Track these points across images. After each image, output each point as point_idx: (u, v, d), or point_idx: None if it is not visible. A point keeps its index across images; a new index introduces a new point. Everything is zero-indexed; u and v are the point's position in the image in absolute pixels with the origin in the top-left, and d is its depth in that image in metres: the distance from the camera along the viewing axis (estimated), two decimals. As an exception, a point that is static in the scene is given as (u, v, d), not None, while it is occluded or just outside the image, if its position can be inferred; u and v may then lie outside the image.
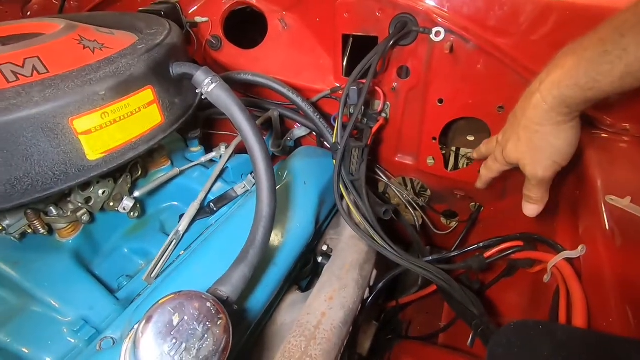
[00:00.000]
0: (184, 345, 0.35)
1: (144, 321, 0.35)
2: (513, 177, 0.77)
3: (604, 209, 0.48)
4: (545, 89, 0.46)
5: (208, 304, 0.38)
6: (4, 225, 0.54)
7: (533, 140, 0.50)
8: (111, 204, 0.61)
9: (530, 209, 0.57)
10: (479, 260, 0.66)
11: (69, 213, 0.57)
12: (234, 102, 0.52)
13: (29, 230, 0.56)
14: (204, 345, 0.36)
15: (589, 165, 0.56)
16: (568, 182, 0.64)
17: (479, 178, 0.66)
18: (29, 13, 1.17)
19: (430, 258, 0.70)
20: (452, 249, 0.84)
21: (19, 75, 0.44)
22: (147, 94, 0.50)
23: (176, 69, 0.54)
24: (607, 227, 0.46)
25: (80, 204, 0.58)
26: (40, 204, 0.55)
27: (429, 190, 0.95)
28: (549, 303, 0.52)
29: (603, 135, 0.62)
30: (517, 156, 0.53)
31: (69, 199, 0.57)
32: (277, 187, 0.66)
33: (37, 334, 0.52)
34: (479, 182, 0.66)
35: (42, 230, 0.56)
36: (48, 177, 0.44)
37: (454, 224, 0.96)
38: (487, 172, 0.62)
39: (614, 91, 0.41)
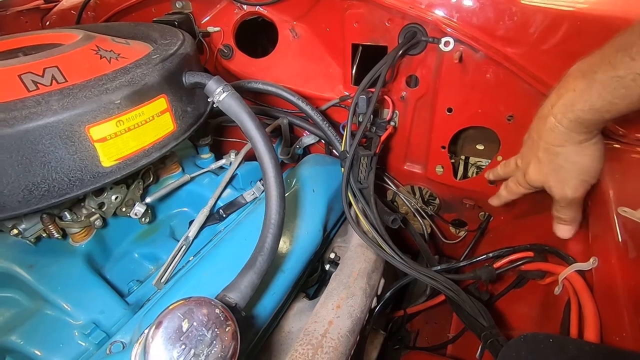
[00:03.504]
0: (192, 351, 0.35)
1: (154, 326, 0.36)
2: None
3: (616, 221, 0.47)
4: (559, 112, 0.46)
5: (217, 311, 0.38)
6: (20, 229, 0.55)
7: (555, 161, 0.50)
8: (123, 209, 0.62)
9: (563, 230, 0.56)
10: (488, 271, 0.65)
11: (82, 218, 0.59)
12: (245, 110, 0.53)
13: (44, 235, 0.58)
14: (212, 352, 0.36)
15: (602, 176, 0.55)
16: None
17: (497, 196, 0.64)
18: (47, 23, 1.21)
19: (439, 267, 0.70)
20: (461, 259, 0.83)
21: (38, 85, 0.46)
22: (161, 103, 0.52)
23: (189, 78, 0.56)
24: (620, 239, 0.46)
25: (93, 209, 0.59)
26: (55, 208, 0.57)
27: (437, 199, 0.94)
28: (560, 316, 0.52)
29: (615, 145, 0.61)
30: (540, 179, 0.53)
31: (82, 204, 0.59)
32: (286, 194, 0.67)
33: (49, 337, 0.53)
34: (496, 199, 0.65)
35: (56, 235, 0.57)
36: (64, 183, 0.45)
37: (462, 234, 0.96)
38: (508, 195, 0.61)
39: (633, 111, 0.41)
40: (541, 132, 0.49)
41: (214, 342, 0.36)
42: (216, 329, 0.37)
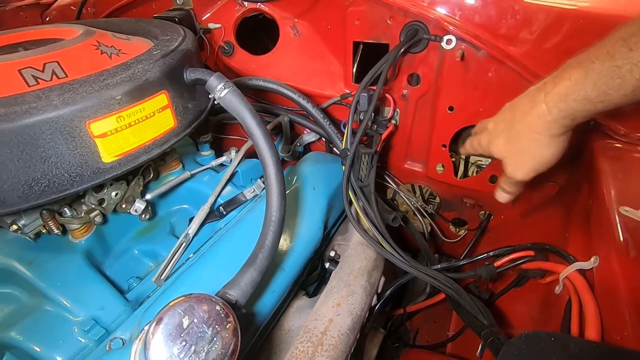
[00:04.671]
0: (193, 347, 0.35)
1: (155, 323, 0.35)
2: (524, 186, 0.76)
3: (617, 220, 0.47)
4: (552, 101, 0.46)
5: (217, 307, 0.38)
6: (19, 225, 0.55)
7: (524, 146, 0.51)
8: (123, 205, 0.62)
9: (503, 197, 0.62)
10: (488, 270, 0.65)
11: (82, 214, 0.58)
12: (246, 107, 0.52)
13: (44, 231, 0.57)
14: (212, 348, 0.36)
15: (603, 176, 0.55)
16: (581, 191, 0.63)
17: (463, 147, 0.68)
18: (47, 19, 1.20)
19: (439, 266, 0.70)
20: (461, 258, 0.83)
21: (39, 80, 0.46)
22: (162, 99, 0.51)
23: (190, 74, 0.55)
24: (621, 239, 0.45)
25: (93, 206, 0.59)
26: (55, 204, 0.56)
27: (438, 198, 0.94)
28: (561, 315, 0.51)
29: (617, 144, 0.61)
30: (502, 154, 0.55)
31: (82, 201, 0.58)
32: (286, 192, 0.66)
33: (48, 333, 0.53)
34: (462, 149, 0.69)
35: (56, 231, 0.57)
36: (64, 178, 0.45)
37: (463, 232, 0.95)
38: (469, 149, 0.65)
39: (625, 103, 0.41)
40: (527, 115, 0.50)
41: (215, 338, 0.36)
42: (217, 326, 0.37)
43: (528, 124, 0.50)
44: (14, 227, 0.54)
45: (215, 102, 0.55)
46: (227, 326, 0.38)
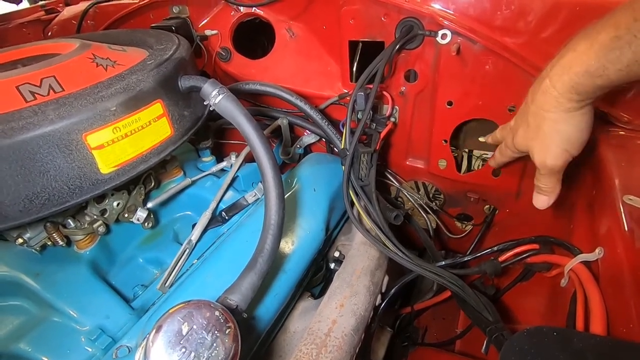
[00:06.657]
0: (193, 354, 0.35)
1: (154, 331, 0.36)
2: (527, 178, 0.75)
3: (622, 210, 0.46)
4: (555, 74, 0.45)
5: (217, 313, 0.38)
6: (25, 238, 0.56)
7: (541, 127, 0.49)
8: (126, 215, 0.63)
9: (541, 200, 0.55)
10: (493, 265, 0.64)
11: (85, 225, 0.59)
12: (241, 112, 0.52)
13: (49, 243, 0.58)
14: (213, 354, 0.36)
15: (606, 164, 0.54)
16: (584, 181, 0.62)
17: (492, 157, 0.67)
18: (49, 34, 1.22)
19: (444, 263, 0.69)
20: (467, 253, 0.82)
21: (36, 95, 0.47)
22: (157, 108, 0.52)
23: (184, 82, 0.56)
24: (626, 228, 0.45)
25: (96, 216, 0.59)
26: (59, 216, 0.57)
27: (442, 194, 0.93)
28: (567, 308, 0.51)
29: (620, 132, 0.60)
30: (526, 143, 0.52)
31: (85, 212, 0.59)
32: (286, 195, 0.66)
33: (56, 344, 0.53)
34: (492, 161, 0.67)
35: (60, 242, 0.58)
36: (64, 191, 0.45)
37: (468, 228, 0.94)
38: (500, 157, 0.63)
39: (620, 80, 0.40)
40: (535, 95, 0.49)
41: (215, 344, 0.37)
42: (216, 332, 0.37)
43: (538, 104, 0.48)
44: (20, 240, 0.55)
45: (211, 109, 0.55)
46: (227, 331, 0.38)
